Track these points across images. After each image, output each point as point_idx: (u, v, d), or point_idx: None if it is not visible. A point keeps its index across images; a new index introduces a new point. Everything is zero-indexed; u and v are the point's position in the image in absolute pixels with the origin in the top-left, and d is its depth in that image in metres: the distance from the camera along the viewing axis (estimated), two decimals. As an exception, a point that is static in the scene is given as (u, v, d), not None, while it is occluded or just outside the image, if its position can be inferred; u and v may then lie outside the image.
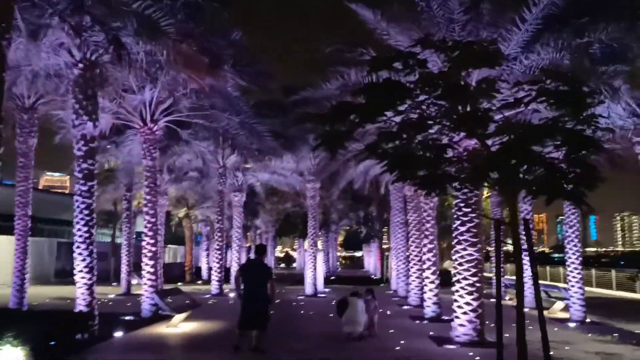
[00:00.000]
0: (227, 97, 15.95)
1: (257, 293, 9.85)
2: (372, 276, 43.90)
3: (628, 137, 11.81)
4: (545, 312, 16.78)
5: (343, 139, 9.18)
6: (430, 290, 16.08)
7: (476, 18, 10.97)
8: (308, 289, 24.18)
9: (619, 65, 10.56)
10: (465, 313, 11.54)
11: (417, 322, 15.37)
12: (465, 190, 11.70)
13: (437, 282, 16.21)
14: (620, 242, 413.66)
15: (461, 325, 11.56)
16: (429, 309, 15.96)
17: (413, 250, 19.87)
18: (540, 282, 21.04)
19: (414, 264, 19.81)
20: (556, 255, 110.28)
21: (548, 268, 22.44)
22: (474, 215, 11.74)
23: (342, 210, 38.22)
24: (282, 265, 70.41)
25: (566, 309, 17.46)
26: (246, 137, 18.41)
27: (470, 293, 11.56)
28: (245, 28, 15.55)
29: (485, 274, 32.63)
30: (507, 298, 23.09)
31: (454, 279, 11.93)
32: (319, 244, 28.96)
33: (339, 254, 76.48)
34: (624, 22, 10.16)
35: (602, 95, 9.88)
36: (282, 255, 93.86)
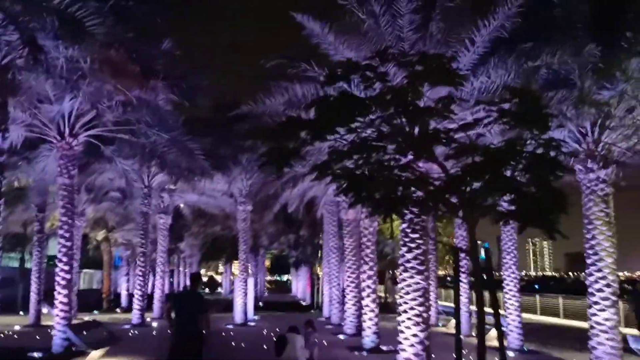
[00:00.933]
0: (157, 112, 14.76)
1: (189, 327, 8.77)
2: (302, 302, 42.96)
3: (570, 164, 11.76)
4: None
5: (290, 157, 8.46)
6: (370, 319, 15.41)
7: (426, 36, 10.61)
8: (237, 317, 22.93)
9: (565, 90, 10.49)
10: (412, 345, 10.92)
11: (356, 353, 14.65)
12: (412, 215, 11.20)
13: (376, 310, 15.59)
14: (532, 267, 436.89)
15: (407, 359, 10.93)
16: (368, 339, 15.27)
17: (349, 277, 19.21)
18: (474, 307, 20.91)
19: (350, 291, 19.15)
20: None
21: (486, 294, 22.49)
22: (421, 241, 11.23)
23: (273, 234, 37.20)
24: (206, 290, 68.05)
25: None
26: (177, 155, 17.17)
27: (416, 324, 10.97)
28: (181, 39, 14.51)
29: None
30: (440, 325, 22.88)
31: (400, 308, 11.31)
32: (249, 269, 27.74)
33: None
34: (569, 48, 10.11)
35: (556, 119, 9.71)
36: (205, 279, 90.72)
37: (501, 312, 20.71)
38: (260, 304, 36.29)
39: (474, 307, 22.44)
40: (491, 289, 7.32)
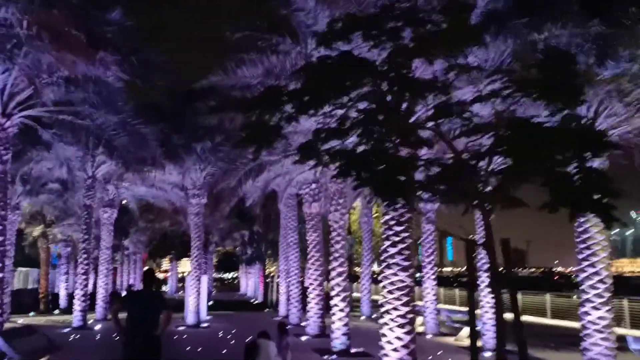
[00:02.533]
0: (105, 90, 13.10)
1: (146, 328, 7.47)
2: (253, 300, 41.49)
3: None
4: (451, 340, 15.70)
5: (273, 133, 7.23)
6: (340, 319, 14.31)
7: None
8: (190, 318, 21.38)
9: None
10: (395, 350, 9.87)
11: (325, 357, 13.52)
12: (398, 206, 10.15)
13: (347, 310, 14.51)
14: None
15: (391, 365, 9.88)
16: (338, 341, 14.16)
17: (313, 274, 18.09)
18: (445, 306, 20.18)
19: (314, 289, 18.02)
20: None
21: (457, 291, 21.81)
22: (406, 235, 10.21)
23: (225, 230, 35.51)
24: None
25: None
26: (126, 141, 15.50)
27: (401, 326, 9.93)
28: (133, 8, 12.91)
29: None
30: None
31: (382, 309, 10.25)
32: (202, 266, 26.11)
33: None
34: (572, 21, 9.32)
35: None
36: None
37: (477, 311, 20.04)
38: (210, 303, 34.60)
39: (442, 306, 21.73)
40: (512, 287, 6.34)
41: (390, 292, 10.11)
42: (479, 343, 15.04)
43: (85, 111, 13.84)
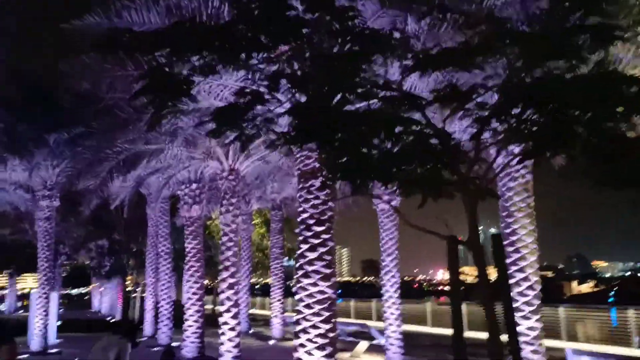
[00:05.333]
0: None
1: None
2: (109, 318, 37.14)
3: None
4: (346, 355, 14.26)
5: (182, 88, 5.13)
6: (230, 339, 12.15)
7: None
8: (34, 344, 17.74)
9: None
10: (314, 377, 8.09)
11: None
12: (319, 201, 8.44)
13: (238, 328, 12.41)
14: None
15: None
16: (227, 366, 12.02)
17: (191, 287, 15.68)
18: (340, 319, 18.79)
19: (192, 305, 15.62)
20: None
21: (352, 302, 20.47)
22: (327, 236, 8.51)
23: (79, 240, 31.11)
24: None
25: (370, 349, 15.44)
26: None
27: (321, 347, 8.19)
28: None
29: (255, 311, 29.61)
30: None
31: (297, 328, 8.43)
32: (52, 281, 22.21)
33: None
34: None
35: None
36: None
37: (378, 323, 18.76)
38: (59, 323, 30.06)
39: (289, 314, 20.27)
40: (506, 292, 4.90)
41: (307, 306, 8.32)
42: (383, 359, 13.76)
43: None
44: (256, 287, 69.42)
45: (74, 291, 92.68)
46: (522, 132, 5.10)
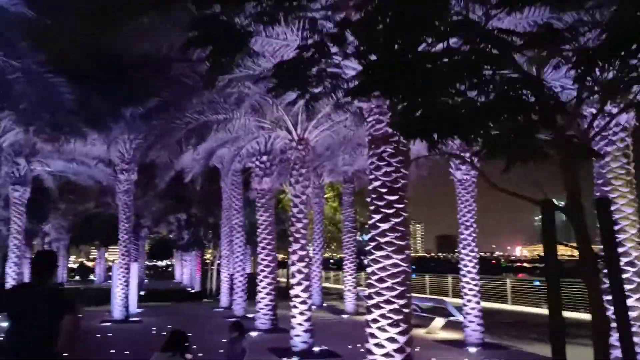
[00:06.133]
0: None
1: (34, 348, 4.77)
2: (189, 289, 38.46)
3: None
4: (421, 331, 13.61)
5: (242, 40, 4.65)
6: (302, 313, 11.90)
7: None
8: (117, 312, 18.38)
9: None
10: (388, 355, 7.60)
11: (284, 359, 11.13)
12: (391, 169, 7.83)
13: (309, 302, 12.13)
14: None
15: (383, 374, 7.59)
16: (299, 339, 11.76)
17: (264, 259, 15.59)
18: (413, 295, 18.24)
19: (265, 277, 15.54)
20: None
21: (427, 277, 19.89)
22: (400, 205, 7.91)
23: (158, 213, 32.10)
24: (77, 278, 60.86)
25: (447, 326, 14.78)
26: (34, 97, 12.34)
27: (395, 324, 7.66)
28: None
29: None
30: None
31: (369, 302, 7.95)
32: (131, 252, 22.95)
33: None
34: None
35: None
36: (75, 266, 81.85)
37: (454, 299, 18.19)
38: (142, 293, 31.33)
39: (362, 288, 19.67)
40: (616, 265, 4.15)
41: (380, 279, 7.80)
42: (461, 336, 13.08)
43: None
44: (331, 261, 69.90)
45: (160, 263, 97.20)
46: (634, 80, 4.29)
